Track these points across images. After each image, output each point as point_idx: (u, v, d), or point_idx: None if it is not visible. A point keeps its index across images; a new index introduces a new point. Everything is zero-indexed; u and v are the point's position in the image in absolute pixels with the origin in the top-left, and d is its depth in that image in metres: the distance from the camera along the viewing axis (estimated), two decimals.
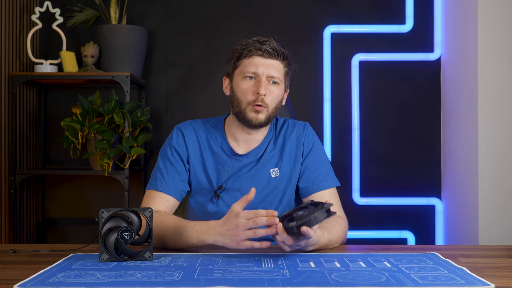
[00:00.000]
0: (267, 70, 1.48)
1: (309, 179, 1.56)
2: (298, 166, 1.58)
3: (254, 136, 1.57)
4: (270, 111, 1.50)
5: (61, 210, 2.87)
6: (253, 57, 1.49)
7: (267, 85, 1.48)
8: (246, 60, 1.50)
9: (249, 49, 1.49)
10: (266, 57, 1.49)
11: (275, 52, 1.49)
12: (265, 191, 1.56)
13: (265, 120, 1.50)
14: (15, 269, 1.14)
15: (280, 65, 1.51)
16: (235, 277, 1.05)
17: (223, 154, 1.56)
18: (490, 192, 2.29)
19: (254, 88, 1.48)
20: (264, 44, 1.49)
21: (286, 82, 1.56)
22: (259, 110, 1.48)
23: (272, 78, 1.49)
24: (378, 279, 1.04)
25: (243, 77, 1.50)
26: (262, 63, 1.49)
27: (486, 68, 2.30)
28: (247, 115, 1.49)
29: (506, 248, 1.39)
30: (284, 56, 1.51)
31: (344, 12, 2.84)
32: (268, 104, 1.49)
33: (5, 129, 2.54)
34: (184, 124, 1.61)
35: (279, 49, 1.50)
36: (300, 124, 1.63)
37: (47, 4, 2.64)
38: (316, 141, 1.62)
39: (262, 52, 1.48)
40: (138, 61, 2.71)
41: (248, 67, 1.49)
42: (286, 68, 1.53)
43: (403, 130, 2.84)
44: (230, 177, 1.55)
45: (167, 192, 1.50)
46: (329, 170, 1.59)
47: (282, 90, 1.53)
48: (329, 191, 1.56)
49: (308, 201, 1.29)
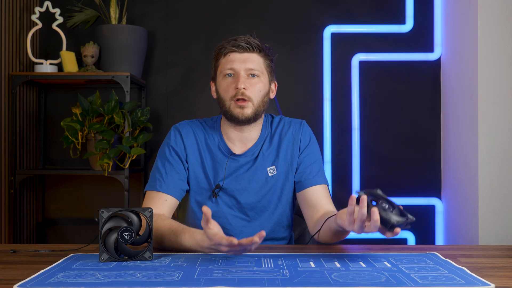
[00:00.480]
0: (243, 64, 1.49)
1: (303, 174, 1.57)
2: (295, 164, 1.58)
3: (248, 134, 1.57)
4: (256, 104, 1.51)
5: (61, 210, 2.87)
6: (229, 54, 1.51)
7: (246, 79, 1.49)
8: (223, 59, 1.52)
9: (224, 48, 1.52)
10: (241, 52, 1.50)
11: (249, 46, 1.50)
12: (263, 190, 1.56)
13: (253, 115, 1.50)
14: (15, 269, 1.14)
15: (257, 57, 1.52)
16: (235, 277, 1.05)
17: (220, 154, 1.57)
18: (490, 192, 2.29)
19: (233, 84, 1.49)
20: (237, 39, 1.51)
21: (269, 75, 1.56)
22: (243, 105, 1.49)
23: (251, 71, 1.50)
24: (378, 279, 1.04)
25: (223, 76, 1.52)
26: (237, 59, 1.50)
27: (486, 68, 2.30)
28: (232, 111, 1.50)
29: (506, 248, 1.39)
30: (260, 48, 1.52)
31: (344, 12, 2.84)
32: (251, 97, 1.49)
33: (5, 129, 2.54)
34: (182, 123, 1.62)
35: (254, 42, 1.51)
36: (296, 122, 1.63)
37: (47, 4, 2.64)
38: (312, 138, 1.62)
39: (236, 48, 1.50)
40: (138, 61, 2.71)
41: (225, 65, 1.51)
42: (266, 60, 1.54)
43: (403, 130, 2.84)
44: (227, 177, 1.55)
45: (166, 191, 1.50)
46: (321, 168, 1.61)
47: (265, 83, 1.54)
48: (322, 187, 1.56)
49: (380, 192, 1.25)
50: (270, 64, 1.56)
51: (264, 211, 1.57)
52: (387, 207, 1.19)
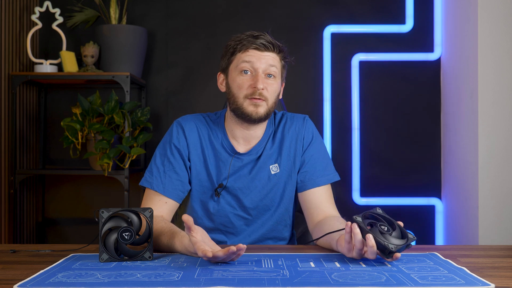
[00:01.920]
0: (263, 64, 1.45)
1: (306, 174, 1.54)
2: (298, 161, 1.56)
3: (253, 132, 1.53)
4: (270, 105, 1.48)
5: (61, 210, 2.87)
6: (248, 50, 1.46)
7: (264, 79, 1.45)
8: (241, 54, 1.46)
9: (243, 43, 1.46)
10: (262, 50, 1.46)
11: (271, 45, 1.46)
12: (266, 188, 1.54)
13: (265, 114, 1.47)
14: (15, 269, 1.14)
15: (276, 57, 1.48)
16: (235, 277, 1.05)
17: (223, 152, 1.53)
18: (490, 192, 2.29)
19: (251, 81, 1.45)
20: (259, 37, 1.46)
21: (282, 75, 1.53)
22: (259, 104, 1.45)
23: (269, 71, 1.46)
24: (378, 279, 1.04)
25: (239, 71, 1.46)
26: (258, 57, 1.45)
27: (486, 68, 2.30)
28: (246, 109, 1.45)
29: (506, 248, 1.39)
30: (280, 49, 1.49)
31: (344, 12, 2.84)
32: (267, 97, 1.46)
33: (5, 129, 2.54)
34: (185, 118, 1.57)
35: (274, 41, 1.48)
36: (299, 117, 1.60)
37: (47, 4, 2.64)
38: (315, 134, 1.59)
39: (257, 46, 1.45)
40: (138, 61, 2.71)
41: (243, 61, 1.45)
42: (282, 61, 1.51)
43: (403, 130, 2.84)
44: (230, 176, 1.53)
45: (164, 193, 1.48)
46: (327, 164, 1.57)
47: (279, 84, 1.51)
48: (324, 188, 1.54)
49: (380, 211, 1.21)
50: (285, 64, 1.53)
51: (266, 210, 1.56)
52: (386, 230, 1.16)
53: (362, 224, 1.15)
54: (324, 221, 1.44)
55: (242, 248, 1.13)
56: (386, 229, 1.15)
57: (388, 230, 1.15)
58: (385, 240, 1.13)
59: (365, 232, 1.14)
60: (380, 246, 1.13)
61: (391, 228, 1.16)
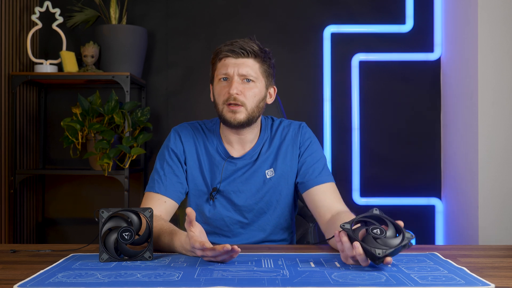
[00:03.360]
0: (237, 69, 1.48)
1: (306, 174, 1.55)
2: (294, 165, 1.57)
3: (245, 136, 1.56)
4: (250, 110, 1.49)
5: (61, 210, 2.87)
6: (224, 59, 1.50)
7: (239, 84, 1.48)
8: (219, 63, 1.51)
9: (220, 52, 1.51)
10: (235, 57, 1.49)
11: (243, 51, 1.49)
12: (261, 192, 1.56)
13: (245, 120, 1.49)
14: (15, 269, 1.14)
15: (253, 62, 1.50)
16: (235, 277, 1.05)
17: (217, 156, 1.57)
18: (490, 192, 2.29)
19: (227, 88, 1.49)
20: (235, 44, 1.50)
21: (266, 79, 1.54)
22: (235, 110, 1.48)
23: (244, 76, 1.48)
24: (378, 279, 1.04)
25: (218, 79, 1.51)
26: (232, 64, 1.49)
27: (486, 68, 2.30)
28: (225, 116, 1.49)
29: (506, 248, 1.39)
30: (255, 54, 1.50)
31: (344, 12, 2.84)
32: (244, 102, 1.48)
33: (5, 129, 2.54)
34: (182, 126, 1.62)
35: (249, 47, 1.49)
36: (295, 124, 1.62)
37: (47, 4, 2.64)
38: (312, 138, 1.61)
39: (230, 53, 1.49)
40: (138, 61, 2.71)
41: (220, 69, 1.50)
42: (262, 65, 1.52)
43: (403, 130, 2.84)
44: (224, 180, 1.55)
45: (164, 193, 1.51)
46: (325, 167, 1.58)
47: (261, 88, 1.52)
48: (327, 185, 1.54)
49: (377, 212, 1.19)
50: (268, 69, 1.54)
51: (262, 213, 1.57)
52: (379, 233, 1.12)
53: (350, 232, 1.13)
54: (333, 220, 1.43)
55: (236, 250, 1.14)
56: (379, 232, 1.12)
57: (382, 233, 1.12)
58: (372, 247, 1.10)
59: (353, 239, 1.12)
60: (368, 253, 1.11)
61: (385, 230, 1.13)
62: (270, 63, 1.54)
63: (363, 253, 1.11)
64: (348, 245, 1.13)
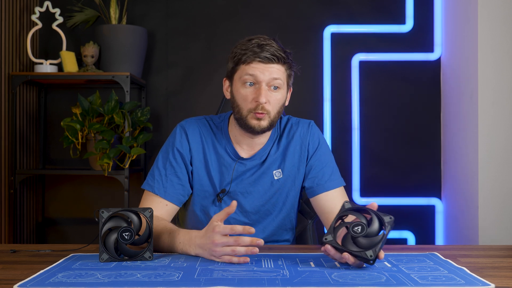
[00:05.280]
0: (267, 76, 1.42)
1: (314, 179, 1.53)
2: (302, 167, 1.55)
3: (258, 139, 1.52)
4: (273, 116, 1.45)
5: (61, 210, 2.87)
6: (252, 63, 1.42)
7: (267, 92, 1.43)
8: (245, 66, 1.43)
9: (247, 55, 1.42)
10: (266, 63, 1.42)
11: (274, 57, 1.42)
12: (268, 193, 1.54)
13: (268, 126, 1.45)
14: (15, 269, 1.14)
15: (281, 68, 1.44)
16: (235, 277, 1.05)
17: (227, 157, 1.52)
18: (490, 192, 2.29)
19: (254, 95, 1.43)
20: (264, 49, 1.42)
21: (288, 84, 1.50)
22: (261, 118, 1.43)
23: (273, 83, 1.43)
24: (378, 279, 1.04)
25: (243, 83, 1.44)
26: (261, 69, 1.42)
27: (486, 68, 2.30)
28: (249, 122, 1.44)
29: (506, 248, 1.39)
30: (284, 60, 1.45)
31: (344, 12, 2.84)
32: (269, 111, 1.44)
33: (5, 129, 2.54)
34: (188, 121, 1.56)
35: (279, 53, 1.43)
36: (304, 122, 1.59)
37: (47, 4, 2.64)
38: (321, 140, 1.58)
39: (261, 59, 1.41)
40: (138, 61, 2.71)
41: (247, 73, 1.42)
42: (287, 69, 1.47)
43: (403, 130, 2.84)
44: (233, 181, 1.52)
45: (164, 196, 1.47)
46: (334, 170, 1.55)
47: (284, 93, 1.48)
48: (336, 192, 1.52)
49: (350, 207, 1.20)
50: (291, 73, 1.49)
51: (268, 214, 1.55)
52: (360, 230, 1.13)
53: (334, 244, 1.14)
54: None
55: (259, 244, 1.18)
56: (360, 230, 1.13)
57: (363, 230, 1.13)
58: (362, 250, 1.11)
59: (340, 250, 1.13)
60: (360, 258, 1.12)
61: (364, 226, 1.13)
62: (292, 65, 1.49)
63: (355, 260, 1.12)
64: (338, 255, 1.15)
